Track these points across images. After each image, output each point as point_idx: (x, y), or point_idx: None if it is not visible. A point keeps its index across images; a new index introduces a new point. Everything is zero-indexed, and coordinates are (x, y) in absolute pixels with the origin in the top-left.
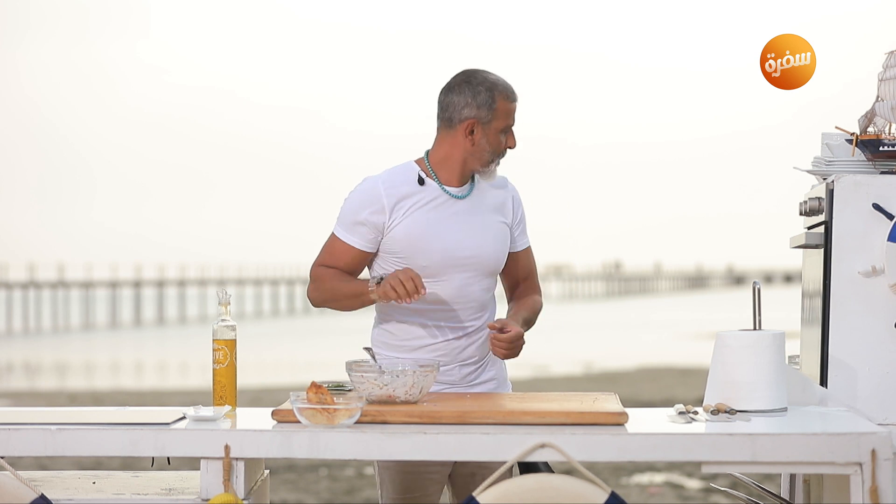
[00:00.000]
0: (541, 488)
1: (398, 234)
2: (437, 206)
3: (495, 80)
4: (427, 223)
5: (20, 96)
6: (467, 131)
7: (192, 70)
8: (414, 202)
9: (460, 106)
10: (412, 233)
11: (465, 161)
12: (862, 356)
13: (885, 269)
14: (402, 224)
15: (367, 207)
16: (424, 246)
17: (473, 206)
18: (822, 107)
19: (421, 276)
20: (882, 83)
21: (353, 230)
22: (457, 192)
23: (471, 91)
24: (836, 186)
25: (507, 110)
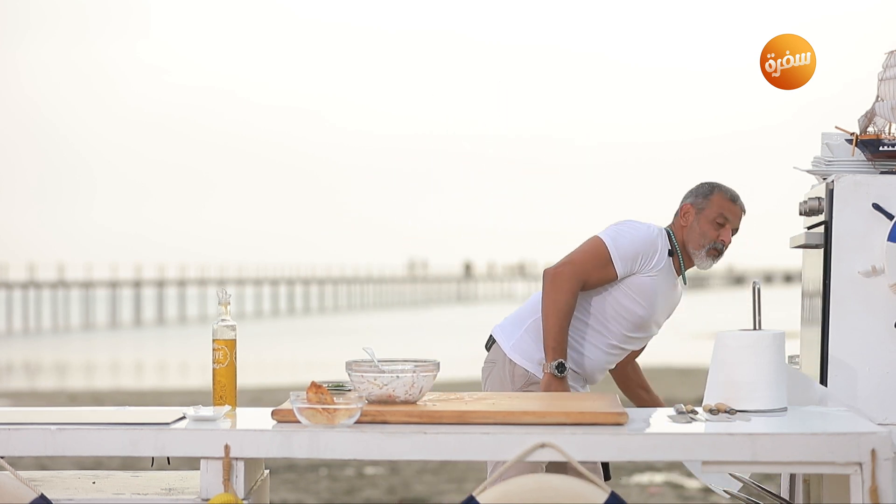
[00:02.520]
0: (540, 488)
1: (646, 282)
2: (671, 283)
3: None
4: (662, 291)
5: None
6: (683, 213)
7: (192, 70)
8: (664, 267)
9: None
10: (653, 289)
11: (683, 243)
12: (862, 356)
13: (885, 269)
14: (652, 278)
15: (646, 252)
16: (653, 303)
17: (681, 294)
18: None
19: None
20: (882, 83)
21: (625, 260)
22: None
23: (697, 187)
24: (836, 186)
25: (721, 203)
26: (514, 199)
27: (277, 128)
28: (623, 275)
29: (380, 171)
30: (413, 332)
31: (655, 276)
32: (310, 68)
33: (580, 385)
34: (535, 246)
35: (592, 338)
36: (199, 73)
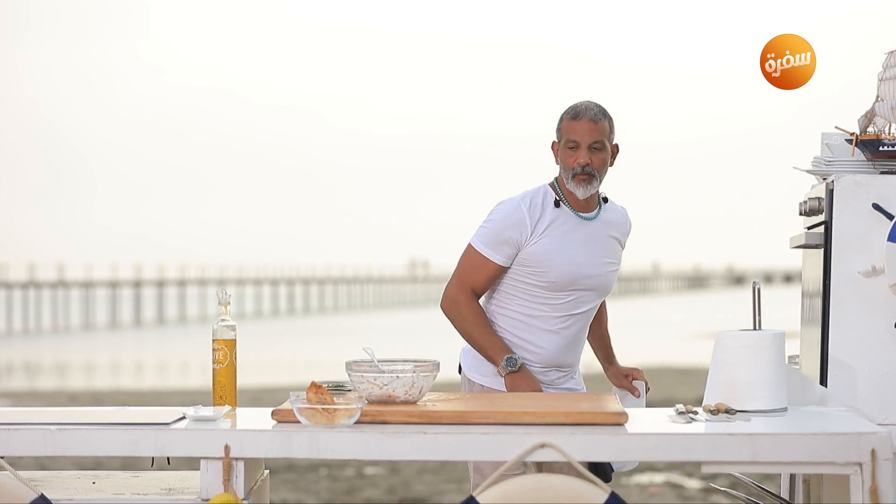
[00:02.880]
0: (540, 488)
1: (535, 250)
2: (570, 229)
3: (575, 104)
4: (560, 242)
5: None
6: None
7: (192, 70)
8: (550, 222)
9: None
10: (547, 250)
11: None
12: (862, 356)
13: (885, 269)
14: (540, 242)
15: (511, 227)
16: (556, 263)
17: (598, 231)
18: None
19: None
20: (882, 83)
21: (497, 248)
22: (585, 214)
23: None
24: (836, 186)
25: (566, 126)
26: None
27: (277, 128)
28: (508, 260)
29: (380, 171)
30: (413, 332)
31: (544, 237)
32: (310, 68)
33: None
34: None
35: (532, 328)
36: (199, 73)
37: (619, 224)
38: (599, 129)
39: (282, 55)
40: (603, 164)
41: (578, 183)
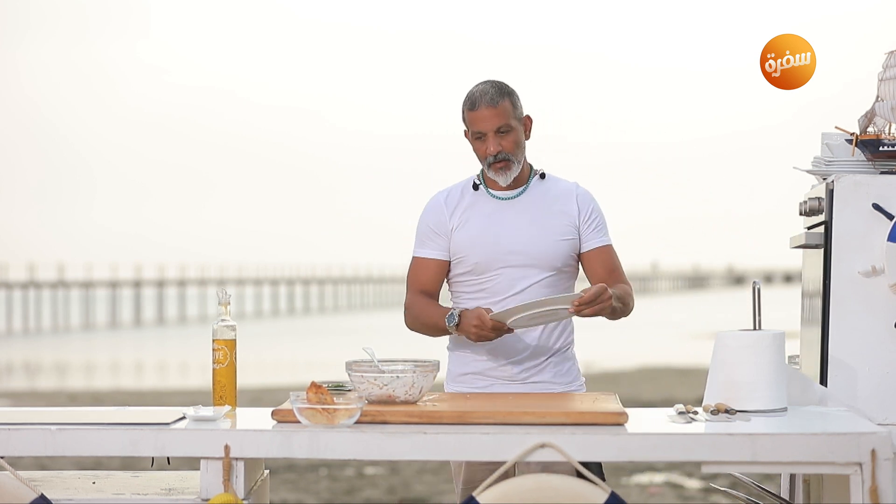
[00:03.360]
0: (540, 488)
1: (457, 237)
2: (488, 209)
3: (471, 91)
4: (478, 224)
5: (20, 96)
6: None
7: (192, 70)
8: (468, 206)
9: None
10: (466, 234)
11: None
12: (862, 356)
13: (885, 269)
14: (459, 227)
15: (432, 217)
16: (474, 244)
17: (525, 207)
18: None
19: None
20: (882, 83)
21: (426, 243)
22: (504, 195)
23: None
24: (836, 186)
25: (469, 118)
26: None
27: (277, 128)
28: (442, 251)
29: (380, 171)
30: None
31: (464, 222)
32: (310, 68)
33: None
34: None
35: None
36: (199, 73)
37: (563, 196)
38: (500, 113)
39: (282, 55)
40: (515, 144)
41: (497, 171)
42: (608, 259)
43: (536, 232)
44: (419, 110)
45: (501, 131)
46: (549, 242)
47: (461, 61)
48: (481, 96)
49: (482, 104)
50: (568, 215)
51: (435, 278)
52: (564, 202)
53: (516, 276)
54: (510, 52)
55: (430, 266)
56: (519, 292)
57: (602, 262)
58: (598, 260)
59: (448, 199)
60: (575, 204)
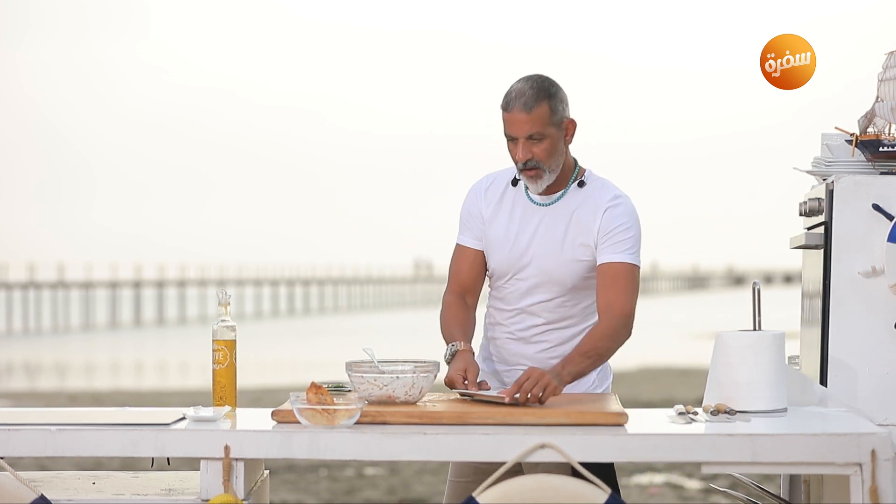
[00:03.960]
0: (540, 488)
1: (488, 231)
2: (518, 212)
3: (510, 88)
4: (504, 224)
5: (20, 96)
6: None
7: (192, 70)
8: (501, 202)
9: None
10: (493, 231)
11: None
12: (862, 356)
13: (885, 269)
14: (490, 221)
15: (471, 202)
16: (497, 246)
17: (553, 219)
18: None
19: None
20: (882, 83)
21: (465, 229)
22: (539, 199)
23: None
24: (835, 187)
25: (503, 118)
26: None
27: (277, 128)
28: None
29: (380, 171)
30: (413, 332)
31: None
32: (310, 68)
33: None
34: None
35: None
36: (199, 73)
37: (593, 210)
38: (534, 119)
39: (282, 55)
40: (549, 152)
41: (527, 178)
42: (609, 278)
43: (553, 250)
44: (419, 110)
45: (534, 138)
46: (563, 262)
47: (461, 61)
48: (517, 98)
49: (516, 106)
50: (589, 233)
51: (473, 269)
52: (591, 218)
53: (525, 289)
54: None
55: (467, 256)
56: (527, 307)
57: (602, 283)
58: (604, 277)
59: (490, 187)
60: (599, 220)
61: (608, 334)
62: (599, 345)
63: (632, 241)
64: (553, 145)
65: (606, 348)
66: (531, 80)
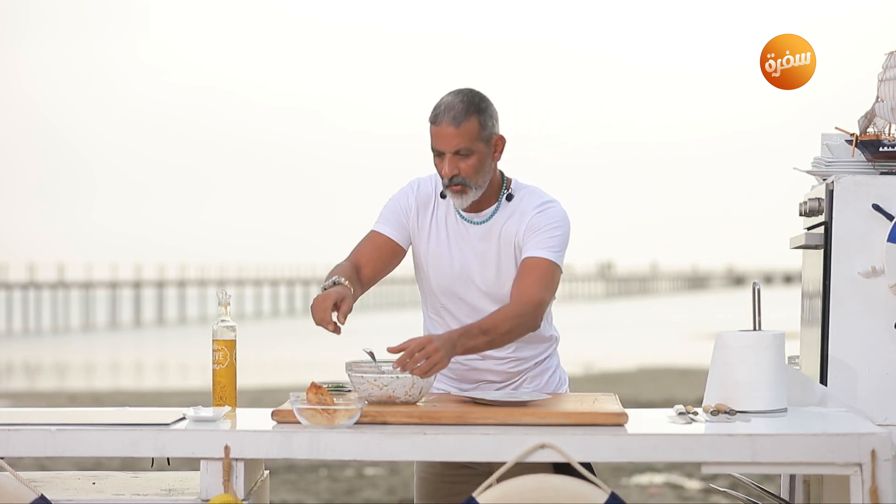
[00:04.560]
0: (541, 488)
1: (420, 244)
2: (453, 229)
3: (439, 101)
4: (441, 242)
5: (20, 96)
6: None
7: (192, 70)
8: (431, 214)
9: None
10: (428, 247)
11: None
12: (862, 356)
13: (885, 269)
14: (421, 233)
15: (402, 199)
16: (433, 267)
17: (489, 238)
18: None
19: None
20: (882, 83)
21: (388, 219)
22: (470, 217)
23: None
24: (835, 187)
25: (431, 132)
26: None
27: (277, 128)
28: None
29: (380, 171)
30: (413, 332)
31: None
32: (310, 68)
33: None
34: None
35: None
36: (199, 73)
37: (521, 221)
38: (462, 134)
39: (282, 55)
40: (476, 169)
41: (453, 193)
42: (525, 269)
43: (491, 270)
44: (419, 110)
45: (461, 153)
46: (503, 280)
47: (461, 61)
48: (446, 111)
49: (444, 120)
50: (517, 241)
51: (379, 256)
52: (517, 227)
53: (478, 307)
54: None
55: (379, 242)
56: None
57: (518, 274)
58: (518, 272)
59: (419, 193)
60: (525, 226)
61: (512, 316)
62: (501, 324)
63: (556, 240)
64: (480, 162)
65: (507, 329)
66: (461, 93)
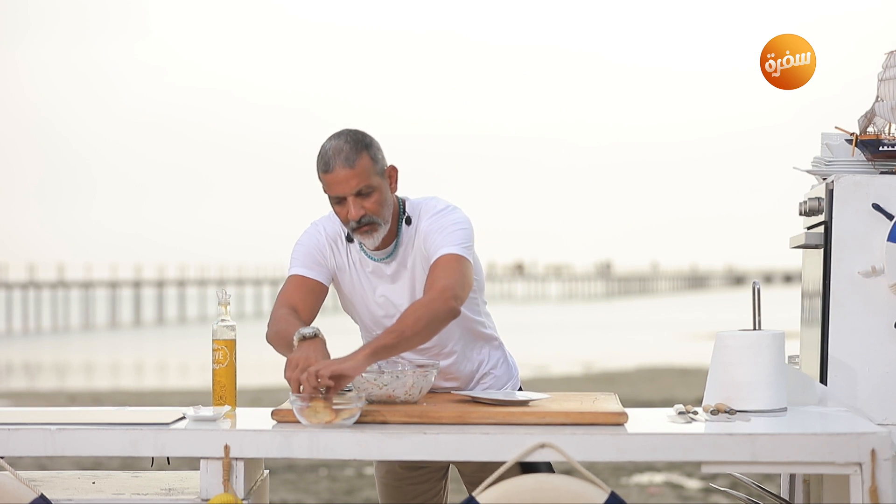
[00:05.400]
0: (541, 488)
1: (342, 286)
2: (367, 269)
3: (323, 149)
4: (353, 287)
5: (20, 96)
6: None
7: (191, 70)
8: (344, 259)
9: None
10: (344, 293)
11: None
12: (862, 356)
13: (884, 269)
14: (341, 274)
15: (315, 246)
16: (353, 310)
17: (399, 266)
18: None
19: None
20: (882, 83)
21: (309, 262)
22: (378, 255)
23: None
24: (835, 186)
25: (324, 180)
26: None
27: (276, 128)
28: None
29: None
30: None
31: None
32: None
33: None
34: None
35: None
36: (198, 74)
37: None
38: (359, 173)
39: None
40: (380, 203)
41: (363, 235)
42: (434, 267)
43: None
44: (418, 110)
45: (363, 193)
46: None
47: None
48: (335, 155)
49: (337, 164)
50: (426, 253)
51: (312, 299)
52: (422, 240)
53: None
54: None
55: (308, 285)
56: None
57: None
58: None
59: (327, 233)
60: (422, 240)
61: (419, 307)
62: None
63: (461, 235)
64: (382, 195)
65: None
66: (342, 135)
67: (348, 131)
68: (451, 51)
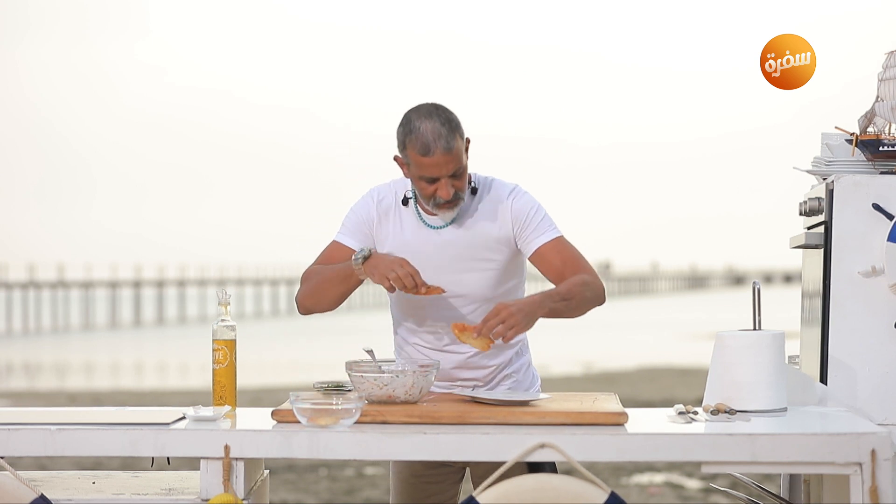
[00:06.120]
0: (541, 488)
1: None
2: (414, 235)
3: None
4: (400, 251)
5: (19, 96)
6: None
7: (191, 70)
8: (394, 221)
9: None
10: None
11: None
12: (862, 356)
13: (884, 269)
14: (383, 242)
15: (364, 208)
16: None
17: (455, 239)
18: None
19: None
20: (882, 83)
21: (352, 230)
22: (434, 222)
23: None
24: (835, 186)
25: (417, 161)
26: None
27: (276, 128)
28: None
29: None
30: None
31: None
32: (308, 68)
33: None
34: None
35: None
36: (198, 74)
37: (493, 210)
38: (456, 156)
39: (281, 56)
40: (465, 180)
41: (444, 209)
42: (557, 253)
43: (461, 269)
44: None
45: (456, 175)
46: (474, 282)
47: (461, 61)
48: (435, 140)
49: (437, 150)
50: (501, 228)
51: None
52: (493, 216)
53: (446, 304)
54: (509, 52)
55: (345, 253)
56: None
57: (552, 259)
58: (547, 257)
59: (380, 204)
60: (509, 213)
61: (582, 283)
62: (578, 291)
63: (547, 219)
64: (466, 172)
65: (584, 297)
66: (438, 115)
67: (438, 110)
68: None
